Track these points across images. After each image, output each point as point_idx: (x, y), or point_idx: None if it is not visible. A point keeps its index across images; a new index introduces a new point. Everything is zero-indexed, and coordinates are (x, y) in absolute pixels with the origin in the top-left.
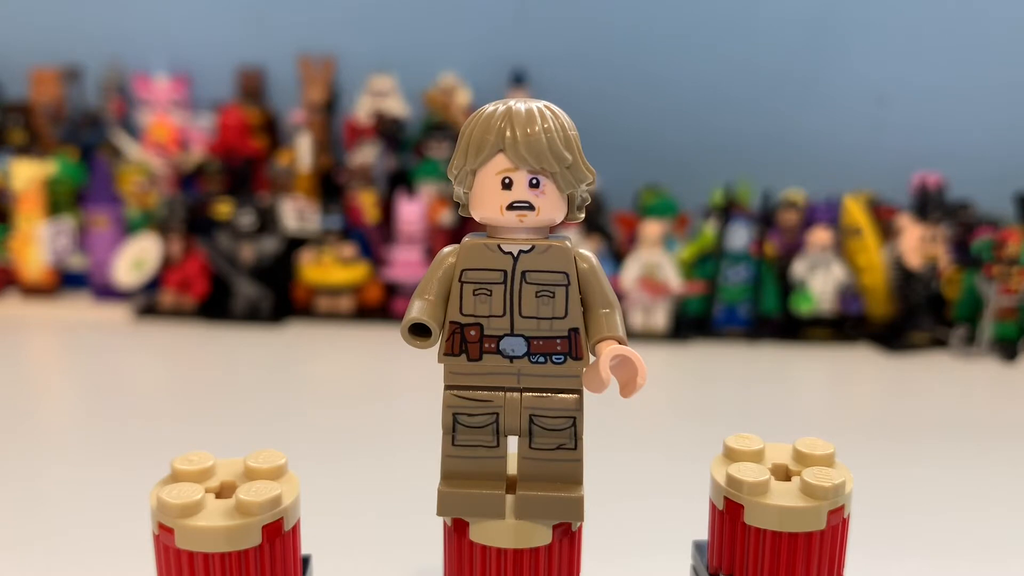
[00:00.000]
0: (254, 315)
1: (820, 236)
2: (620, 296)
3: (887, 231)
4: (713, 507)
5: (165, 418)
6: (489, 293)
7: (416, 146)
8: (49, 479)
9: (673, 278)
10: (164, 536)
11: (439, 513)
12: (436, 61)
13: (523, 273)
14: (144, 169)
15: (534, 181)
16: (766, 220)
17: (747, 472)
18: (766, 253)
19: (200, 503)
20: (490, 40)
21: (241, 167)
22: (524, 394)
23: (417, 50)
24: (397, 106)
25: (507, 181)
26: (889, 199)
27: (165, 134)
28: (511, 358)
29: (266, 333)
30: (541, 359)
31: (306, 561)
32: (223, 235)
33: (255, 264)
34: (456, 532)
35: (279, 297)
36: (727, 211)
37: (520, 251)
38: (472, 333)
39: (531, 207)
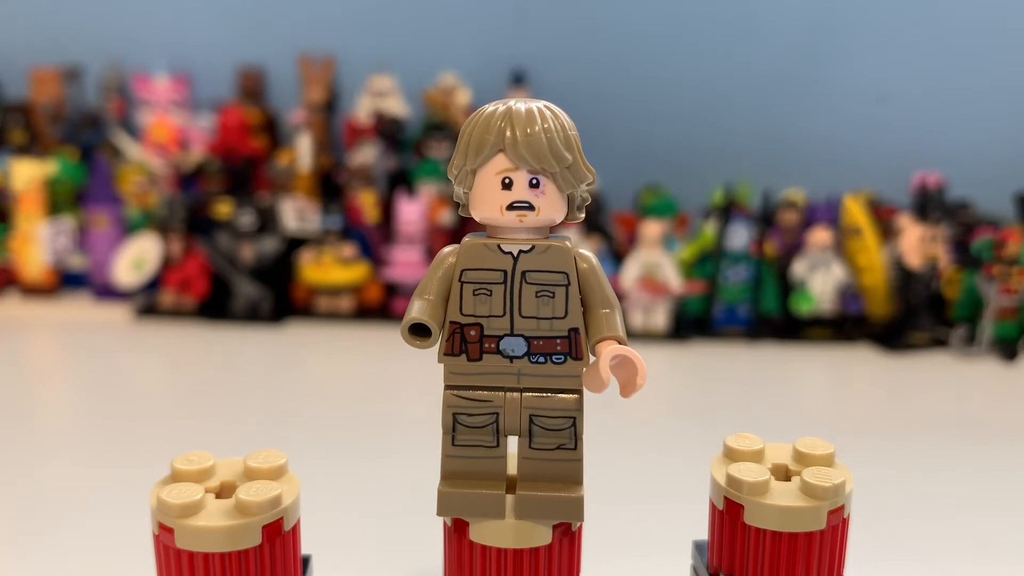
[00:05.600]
0: (254, 315)
1: (820, 236)
2: (620, 296)
3: (887, 231)
4: (713, 507)
5: (165, 418)
6: (489, 293)
7: (416, 146)
8: (49, 479)
9: (673, 278)
10: (164, 536)
11: (439, 513)
12: (436, 61)
13: (523, 273)
14: (144, 169)
15: (534, 181)
16: (766, 220)
17: (747, 472)
18: (766, 253)
19: (200, 503)
20: (490, 40)
21: (241, 167)
22: (524, 394)
23: (417, 50)
24: (397, 106)
25: (507, 181)
26: (889, 199)
27: (165, 134)
28: (511, 358)
29: (266, 333)
30: (541, 359)
31: (306, 561)
32: (223, 235)
33: (255, 264)
34: (456, 532)
35: (279, 297)
36: (727, 211)
37: (520, 251)
38: (472, 333)
39: (531, 207)
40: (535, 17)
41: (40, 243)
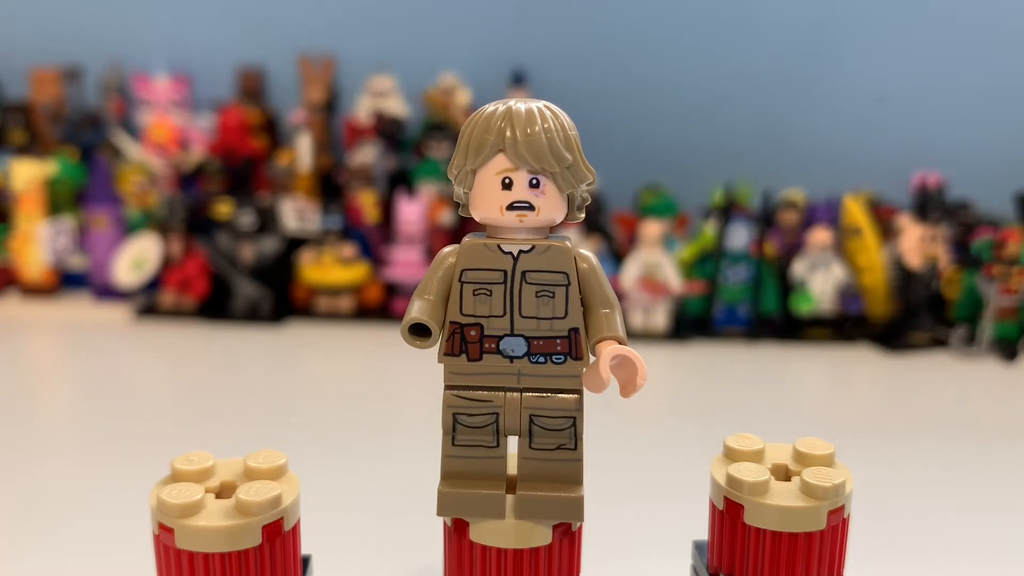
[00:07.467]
0: (254, 315)
1: (820, 236)
2: (620, 296)
3: (887, 231)
4: (713, 507)
5: (165, 418)
6: (489, 293)
7: (416, 146)
8: (49, 479)
9: (673, 278)
10: (164, 536)
11: (439, 513)
12: (436, 61)
13: (523, 273)
14: (144, 169)
15: (534, 181)
16: (766, 220)
17: (747, 472)
18: (766, 253)
19: (200, 503)
20: (490, 40)
21: (241, 167)
22: (524, 394)
23: (417, 50)
24: (397, 106)
25: (507, 181)
26: (889, 199)
27: (165, 134)
28: (511, 358)
29: (266, 333)
30: (541, 359)
31: (306, 561)
32: (223, 235)
33: (255, 264)
34: (456, 532)
35: (279, 297)
36: (727, 211)
37: (520, 251)
38: (472, 333)
39: (531, 207)
40: (535, 17)
41: (40, 243)
